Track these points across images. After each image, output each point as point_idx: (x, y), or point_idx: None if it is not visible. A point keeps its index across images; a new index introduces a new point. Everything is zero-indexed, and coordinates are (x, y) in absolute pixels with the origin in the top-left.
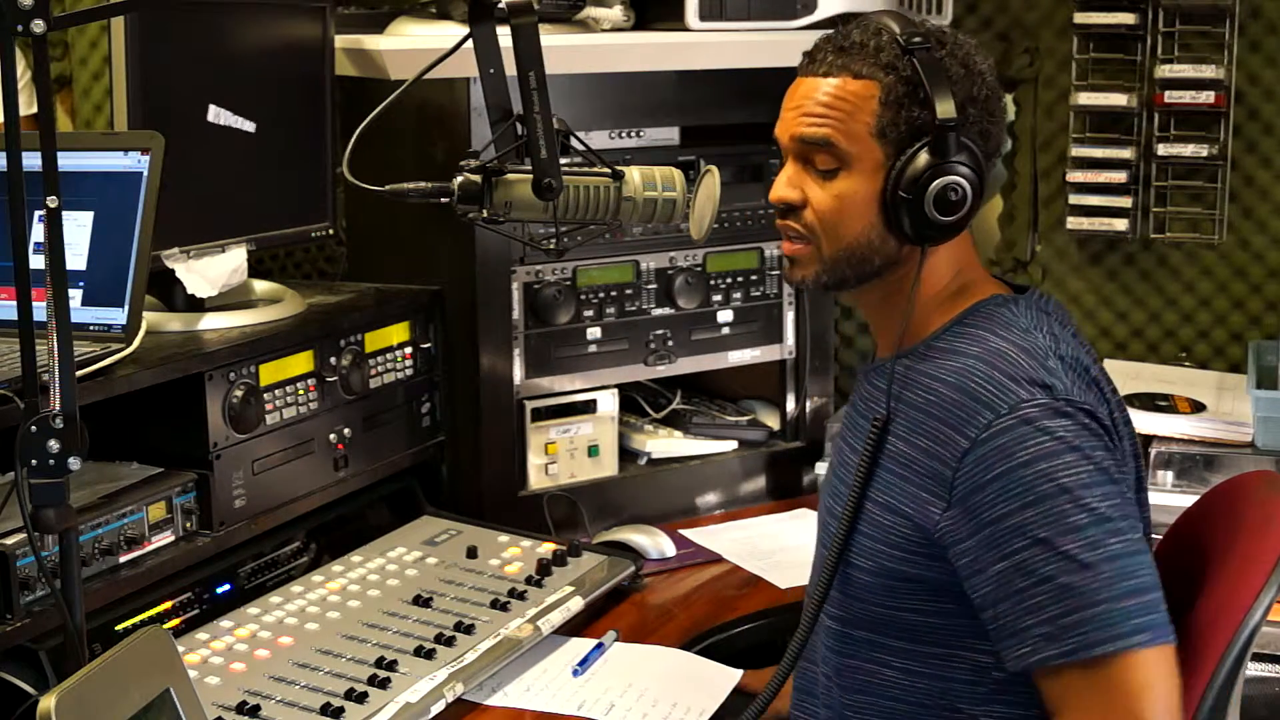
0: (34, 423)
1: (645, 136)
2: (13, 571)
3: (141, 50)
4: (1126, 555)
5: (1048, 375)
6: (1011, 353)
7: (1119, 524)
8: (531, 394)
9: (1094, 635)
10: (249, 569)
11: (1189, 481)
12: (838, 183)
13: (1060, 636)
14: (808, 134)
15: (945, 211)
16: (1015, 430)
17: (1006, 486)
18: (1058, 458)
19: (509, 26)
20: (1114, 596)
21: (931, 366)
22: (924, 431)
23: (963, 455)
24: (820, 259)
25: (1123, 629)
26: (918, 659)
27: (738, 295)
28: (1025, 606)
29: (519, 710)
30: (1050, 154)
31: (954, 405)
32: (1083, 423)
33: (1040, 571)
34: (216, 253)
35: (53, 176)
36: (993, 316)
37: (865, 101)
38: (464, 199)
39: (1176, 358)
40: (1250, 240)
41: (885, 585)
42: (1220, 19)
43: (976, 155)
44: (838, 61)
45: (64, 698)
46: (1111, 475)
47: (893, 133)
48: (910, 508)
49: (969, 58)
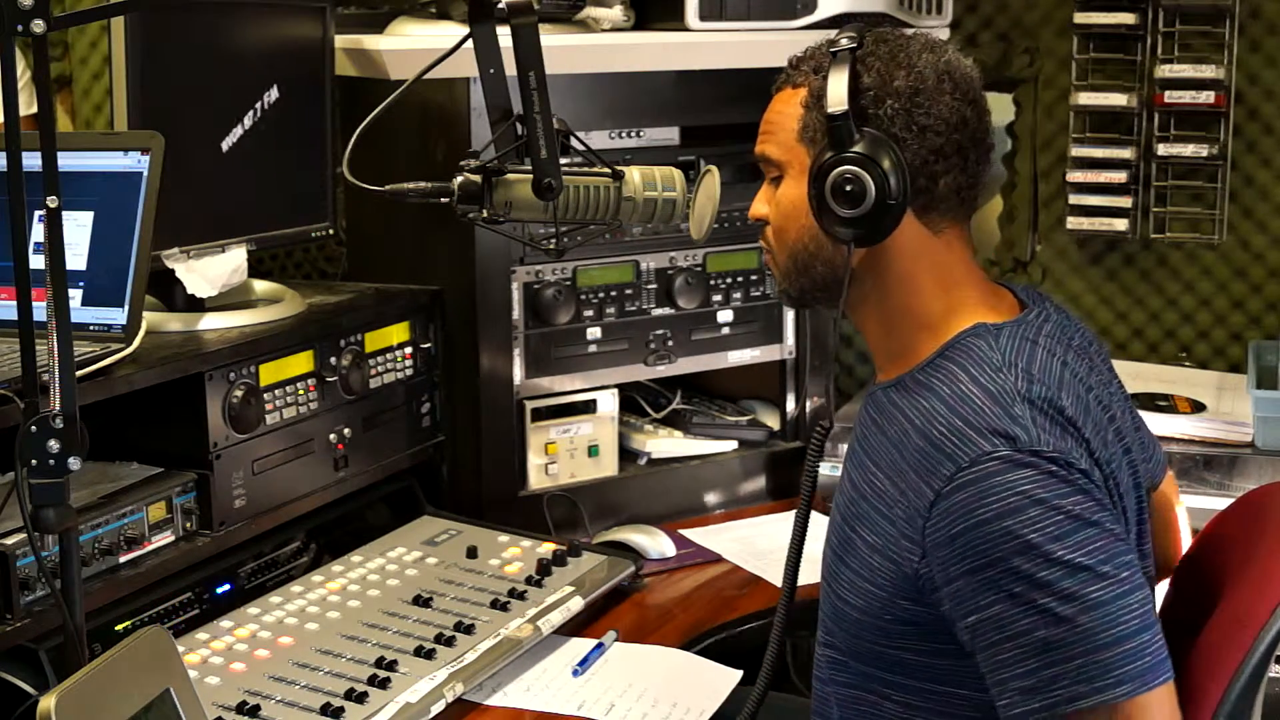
0: (34, 423)
1: (645, 136)
2: (13, 571)
3: (141, 50)
4: (1107, 602)
5: (1011, 423)
6: (976, 397)
7: (1099, 569)
8: (531, 394)
9: (1072, 690)
10: (249, 569)
11: (1189, 481)
12: (779, 189)
13: (1039, 689)
14: (758, 150)
15: (849, 203)
16: (977, 485)
17: (971, 543)
18: (1022, 513)
19: (509, 26)
20: (1092, 649)
21: (908, 403)
22: (900, 474)
23: (929, 507)
24: (779, 269)
25: (1103, 682)
26: (919, 695)
27: (738, 295)
28: (1002, 660)
29: (519, 710)
30: (1050, 154)
31: (920, 453)
32: (1048, 471)
33: (1014, 626)
34: (216, 253)
35: (53, 176)
36: (969, 351)
37: (793, 108)
38: (464, 199)
39: (1176, 358)
40: (1250, 240)
41: (877, 625)
42: (1220, 19)
43: (891, 147)
44: (789, 74)
45: (64, 698)
46: (1088, 519)
47: (810, 134)
48: (894, 552)
49: (900, 51)
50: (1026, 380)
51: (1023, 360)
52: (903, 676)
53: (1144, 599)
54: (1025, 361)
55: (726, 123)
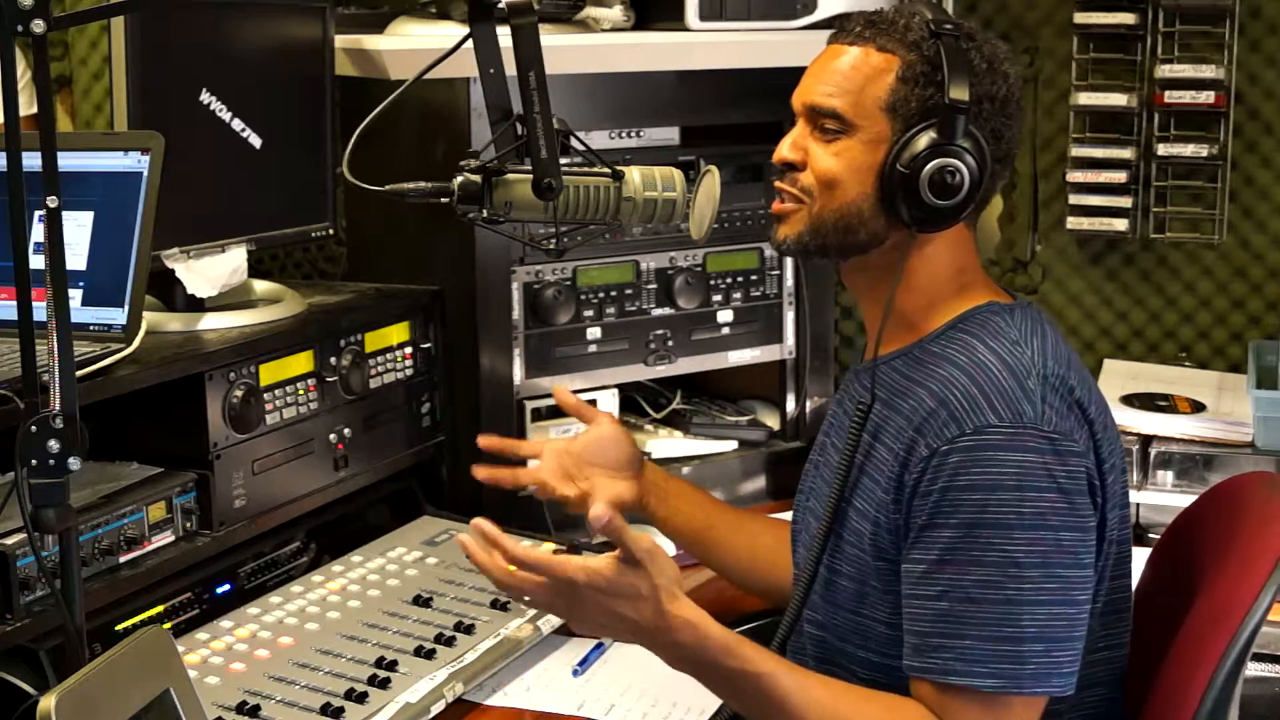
0: (34, 423)
1: (645, 136)
2: (13, 571)
3: (141, 50)
4: (1018, 603)
5: (1022, 397)
6: (994, 366)
7: (1027, 572)
8: (531, 394)
9: (949, 665)
10: (249, 569)
11: (1189, 481)
12: (839, 144)
13: (924, 652)
14: (819, 102)
15: (940, 194)
16: (972, 453)
17: (940, 502)
18: (998, 491)
19: (509, 26)
20: (984, 638)
21: (921, 374)
22: (903, 438)
23: (924, 460)
24: (808, 219)
25: (979, 670)
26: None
27: (738, 295)
28: (909, 612)
29: (519, 710)
30: (1050, 154)
31: (929, 414)
32: (1044, 458)
33: (930, 587)
34: (216, 253)
35: (53, 176)
36: (985, 324)
37: (882, 75)
38: (464, 199)
39: (1176, 358)
40: (1250, 240)
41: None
42: (1220, 19)
43: (983, 150)
44: (865, 33)
45: (64, 698)
46: (1049, 521)
47: (903, 109)
48: (879, 512)
49: (995, 56)
50: (1042, 356)
51: (1037, 338)
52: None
53: (1058, 615)
54: (1040, 339)
55: (726, 123)
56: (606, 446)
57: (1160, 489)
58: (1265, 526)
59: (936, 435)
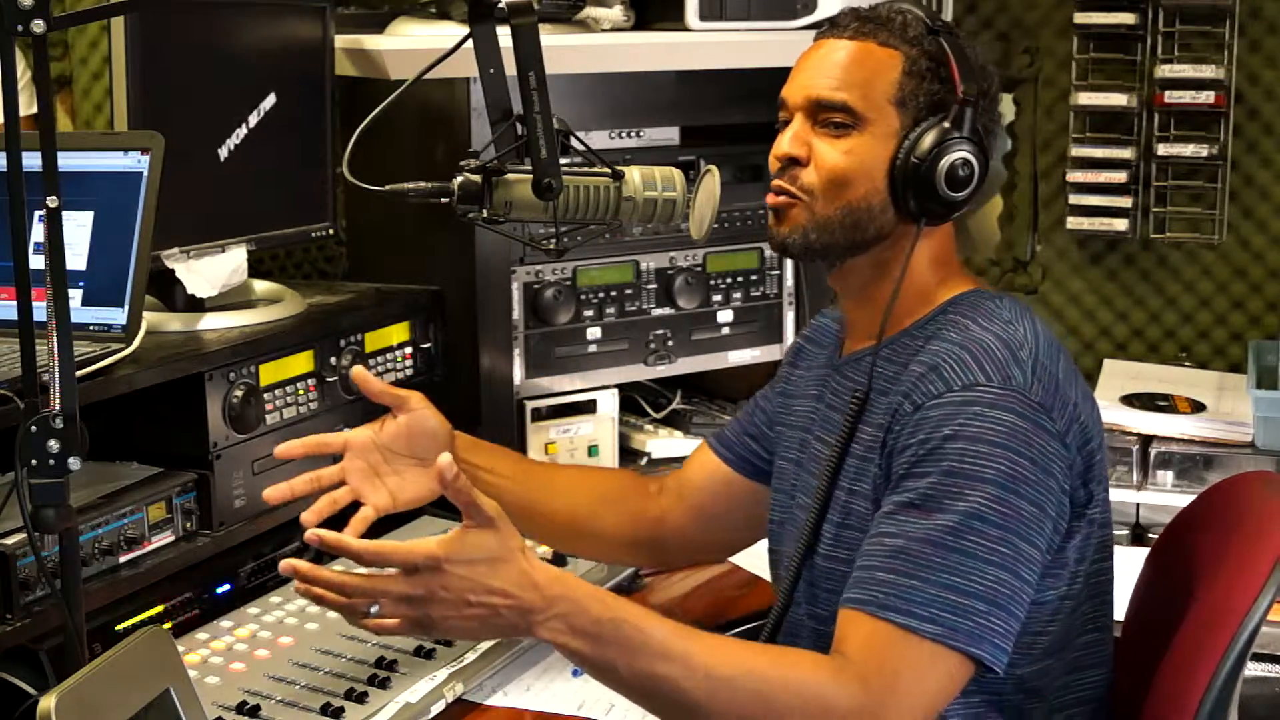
0: (34, 423)
1: (645, 136)
2: (13, 571)
3: (141, 50)
4: (975, 558)
5: (1013, 364)
6: (989, 341)
7: (990, 530)
8: (531, 394)
9: (891, 601)
10: (249, 569)
11: (1189, 481)
12: (848, 140)
13: (869, 585)
14: (825, 95)
15: (953, 187)
16: (958, 407)
17: (918, 450)
18: (980, 445)
19: (509, 26)
20: (933, 583)
21: (910, 354)
22: (888, 407)
23: (909, 414)
24: (812, 217)
25: (921, 611)
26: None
27: (738, 295)
28: (865, 549)
29: (519, 710)
30: (1050, 154)
31: (918, 378)
32: (1027, 424)
33: (892, 528)
34: (216, 253)
35: (53, 176)
36: (977, 306)
37: (887, 70)
38: (464, 199)
39: (1176, 358)
40: (1250, 240)
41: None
42: (1220, 19)
43: (983, 143)
44: (863, 29)
45: (64, 698)
46: (1021, 491)
47: (912, 103)
48: (866, 484)
49: (980, 54)
50: (1034, 338)
51: (1027, 320)
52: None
53: (1005, 582)
54: (1030, 323)
55: (726, 123)
56: (416, 434)
57: (1160, 489)
58: (1264, 526)
59: (922, 393)
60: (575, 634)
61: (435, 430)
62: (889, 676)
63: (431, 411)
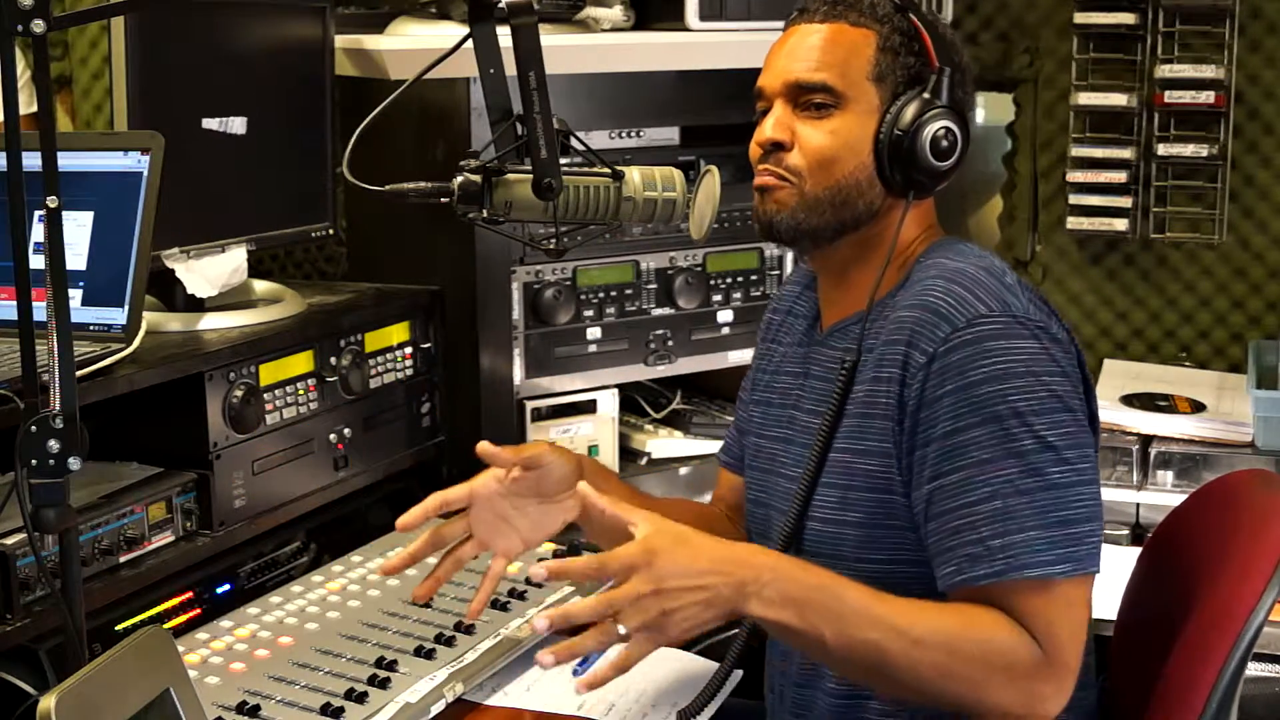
0: (34, 423)
1: (645, 136)
2: (13, 571)
3: (141, 50)
4: (1065, 486)
5: (1006, 292)
6: (969, 269)
7: (1064, 453)
8: (531, 394)
9: (1019, 559)
10: (249, 569)
11: (1189, 481)
12: (831, 121)
13: (986, 557)
14: (804, 77)
15: (939, 156)
16: (973, 346)
17: (956, 405)
18: (1012, 379)
19: (509, 26)
20: (1044, 525)
21: (892, 308)
22: (885, 362)
23: (924, 367)
24: (801, 197)
25: (1048, 556)
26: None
27: (738, 295)
28: (954, 526)
29: (519, 710)
30: (1050, 154)
31: (913, 323)
32: (1043, 344)
33: (975, 493)
34: (216, 253)
35: (53, 176)
36: (949, 246)
37: (862, 47)
38: (464, 199)
39: (1176, 358)
40: (1250, 240)
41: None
42: (1220, 19)
43: (962, 113)
44: (834, 11)
45: (64, 698)
46: (1066, 403)
47: (889, 78)
48: (874, 441)
49: (947, 29)
50: (1003, 265)
51: (999, 260)
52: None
53: (1094, 494)
54: (1001, 261)
55: (726, 123)
56: (545, 480)
57: (1160, 489)
58: (1264, 525)
59: (930, 339)
60: (786, 603)
61: (566, 475)
62: (1046, 625)
63: (558, 458)
